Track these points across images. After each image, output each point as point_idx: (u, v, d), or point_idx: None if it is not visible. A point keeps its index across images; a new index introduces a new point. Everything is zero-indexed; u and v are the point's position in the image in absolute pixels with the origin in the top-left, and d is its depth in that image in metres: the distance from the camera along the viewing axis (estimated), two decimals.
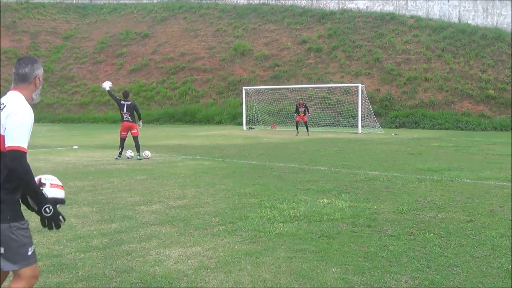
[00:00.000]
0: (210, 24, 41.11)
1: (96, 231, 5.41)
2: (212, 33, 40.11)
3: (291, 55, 34.98)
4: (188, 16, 43.13)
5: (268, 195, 7.32)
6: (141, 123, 13.24)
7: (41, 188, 2.83)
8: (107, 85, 13.19)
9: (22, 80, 2.95)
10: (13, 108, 2.71)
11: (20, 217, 2.76)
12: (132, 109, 12.83)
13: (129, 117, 12.79)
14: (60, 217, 2.88)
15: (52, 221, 2.84)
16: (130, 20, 45.92)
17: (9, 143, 2.60)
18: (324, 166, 10.63)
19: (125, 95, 13.05)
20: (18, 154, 2.59)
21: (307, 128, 21.94)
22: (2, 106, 2.72)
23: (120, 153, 12.75)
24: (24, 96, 2.87)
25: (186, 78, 37.21)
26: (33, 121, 2.81)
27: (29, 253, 2.83)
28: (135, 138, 12.74)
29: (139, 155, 12.57)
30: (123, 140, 12.86)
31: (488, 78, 28.11)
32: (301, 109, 21.93)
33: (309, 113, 22.51)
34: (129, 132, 12.84)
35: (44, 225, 2.84)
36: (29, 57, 3.01)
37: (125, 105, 12.73)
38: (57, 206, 2.89)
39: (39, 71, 2.97)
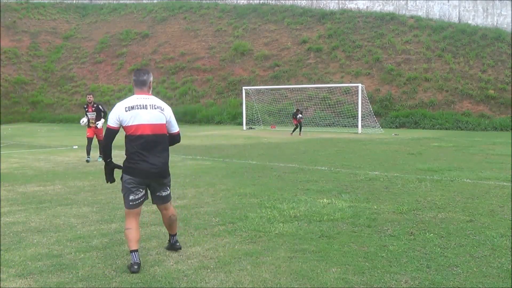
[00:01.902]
0: (210, 24, 41.11)
1: (96, 231, 5.41)
2: (212, 33, 40.11)
3: (291, 55, 34.98)
4: (188, 16, 43.13)
5: (268, 195, 7.32)
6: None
7: None
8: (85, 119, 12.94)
9: (144, 84, 4.32)
10: (168, 108, 4.37)
11: None
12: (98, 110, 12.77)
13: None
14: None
15: None
16: (130, 20, 45.92)
17: (176, 129, 4.45)
18: (324, 166, 10.63)
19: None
20: (180, 135, 4.56)
21: (300, 129, 21.99)
22: (161, 109, 4.27)
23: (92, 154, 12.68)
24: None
25: (186, 78, 37.21)
26: None
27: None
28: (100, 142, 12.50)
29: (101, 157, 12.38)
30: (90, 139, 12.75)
31: (488, 78, 28.11)
32: (300, 115, 22.08)
33: (301, 115, 22.33)
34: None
35: None
36: (144, 69, 4.47)
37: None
38: None
39: (152, 78, 4.40)
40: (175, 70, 38.32)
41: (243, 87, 29.24)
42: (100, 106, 12.76)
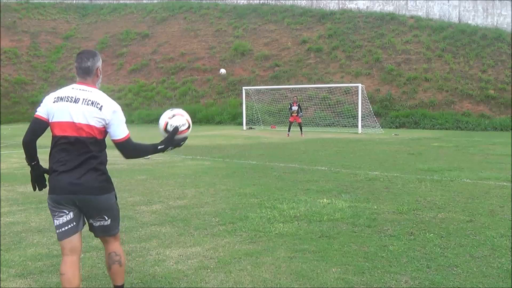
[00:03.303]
0: (210, 24, 41.10)
1: None
2: (212, 33, 40.10)
3: (291, 55, 34.97)
4: (188, 16, 43.12)
5: (268, 195, 7.32)
6: None
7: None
8: None
9: (87, 73, 3.22)
10: (112, 107, 3.19)
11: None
12: None
13: None
14: (182, 143, 3.54)
15: (176, 146, 3.51)
16: (130, 20, 45.90)
17: (120, 134, 3.24)
18: (324, 166, 10.63)
19: None
20: (128, 143, 3.29)
21: (301, 129, 21.57)
22: (99, 106, 3.13)
23: None
24: (101, 91, 3.27)
25: (186, 78, 37.20)
26: None
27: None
28: None
29: None
30: None
31: (488, 78, 28.11)
32: (294, 108, 21.37)
33: (301, 113, 21.86)
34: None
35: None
36: (89, 51, 3.30)
37: None
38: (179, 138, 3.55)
39: (99, 63, 3.28)
40: (175, 70, 38.31)
41: (243, 87, 29.23)
42: None
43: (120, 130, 3.22)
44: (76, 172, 3.11)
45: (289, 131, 21.81)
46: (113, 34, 44.66)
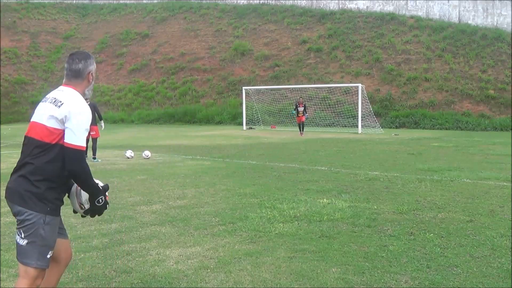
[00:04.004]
0: (210, 24, 41.10)
1: (96, 231, 5.40)
2: (212, 33, 40.10)
3: (291, 55, 34.97)
4: (188, 16, 43.12)
5: (268, 195, 7.32)
6: (103, 124, 13.17)
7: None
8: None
9: (75, 76, 2.91)
10: (74, 107, 2.73)
11: (56, 213, 2.80)
12: (92, 110, 12.69)
13: None
14: (107, 205, 2.98)
15: (99, 210, 2.92)
16: (130, 20, 45.91)
17: (71, 141, 2.67)
18: (324, 166, 10.63)
19: None
20: (78, 154, 2.67)
21: (302, 128, 21.98)
22: (59, 104, 2.74)
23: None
24: (79, 93, 2.86)
25: (186, 78, 37.21)
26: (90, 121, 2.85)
27: (48, 256, 2.76)
28: (94, 140, 12.53)
29: (95, 157, 12.35)
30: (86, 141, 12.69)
31: (488, 78, 28.11)
32: (300, 108, 21.95)
33: (307, 113, 22.53)
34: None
35: (87, 214, 2.94)
36: (82, 52, 2.98)
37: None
38: (106, 193, 2.96)
39: (92, 67, 2.96)
40: (175, 70, 38.31)
41: (243, 87, 29.23)
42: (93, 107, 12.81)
43: (75, 136, 2.67)
44: (13, 176, 2.82)
45: (300, 130, 22.15)
46: (113, 34, 44.66)
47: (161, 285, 3.85)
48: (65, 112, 2.70)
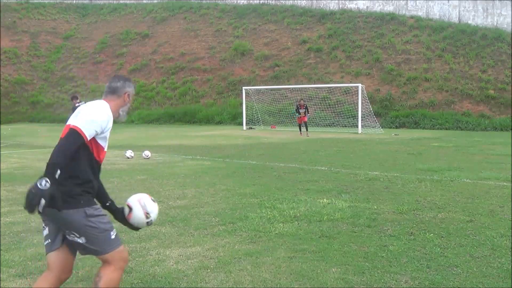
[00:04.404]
0: (210, 24, 41.10)
1: None
2: (212, 33, 40.10)
3: (291, 55, 34.97)
4: (188, 16, 43.12)
5: (268, 195, 7.32)
6: None
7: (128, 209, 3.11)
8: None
9: (111, 92, 3.06)
10: (90, 105, 2.90)
11: (92, 202, 2.89)
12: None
13: None
14: (39, 207, 2.54)
15: (32, 199, 2.53)
16: (130, 20, 45.90)
17: (73, 123, 2.76)
18: (324, 166, 10.63)
19: (76, 98, 13.48)
20: (70, 133, 2.70)
21: (306, 128, 21.95)
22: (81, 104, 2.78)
23: None
24: (110, 107, 2.97)
25: (186, 78, 37.21)
26: (108, 126, 2.89)
27: (112, 237, 2.87)
28: None
29: None
30: None
31: (488, 78, 28.10)
32: (302, 110, 21.98)
33: (308, 113, 22.59)
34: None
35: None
36: (123, 76, 3.23)
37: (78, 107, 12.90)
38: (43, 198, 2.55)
39: (130, 89, 3.12)
40: (175, 70, 38.31)
41: (243, 87, 29.22)
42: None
43: (77, 119, 2.77)
44: None
45: (300, 130, 22.20)
46: (113, 34, 44.66)
47: (161, 285, 3.85)
48: (80, 108, 2.86)
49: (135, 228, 3.19)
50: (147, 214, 3.12)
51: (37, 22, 47.46)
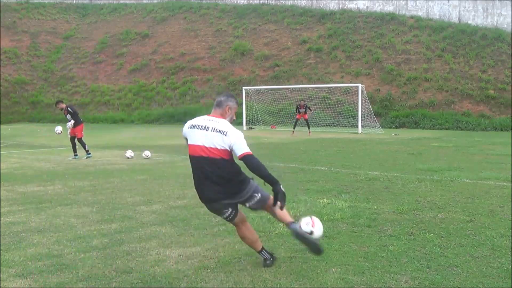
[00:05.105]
0: (210, 24, 41.11)
1: (96, 231, 5.41)
2: (212, 33, 40.11)
3: (291, 55, 34.98)
4: (188, 16, 43.12)
5: None
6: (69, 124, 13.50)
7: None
8: (58, 129, 13.63)
9: (218, 106, 4.12)
10: (233, 131, 3.97)
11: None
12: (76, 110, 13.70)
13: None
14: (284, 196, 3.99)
15: (282, 197, 3.95)
16: (130, 20, 45.91)
17: (243, 151, 3.92)
18: (324, 166, 10.63)
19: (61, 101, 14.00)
20: (250, 157, 3.95)
21: (308, 127, 21.96)
22: (223, 133, 3.93)
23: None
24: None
25: (186, 78, 37.21)
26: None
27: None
28: (79, 139, 13.29)
29: (77, 155, 13.18)
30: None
31: (488, 78, 28.11)
32: (302, 110, 22.00)
33: (310, 111, 22.62)
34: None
35: (275, 201, 3.98)
36: (229, 93, 4.26)
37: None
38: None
39: (232, 104, 4.14)
40: (175, 70, 38.31)
41: (243, 87, 29.22)
42: (69, 108, 13.40)
43: (242, 143, 3.96)
44: None
45: (294, 128, 22.20)
46: (113, 34, 44.66)
47: (161, 285, 3.85)
48: (231, 140, 4.00)
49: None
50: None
51: (37, 22, 47.46)
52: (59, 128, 13.68)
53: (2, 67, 40.61)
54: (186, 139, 4.14)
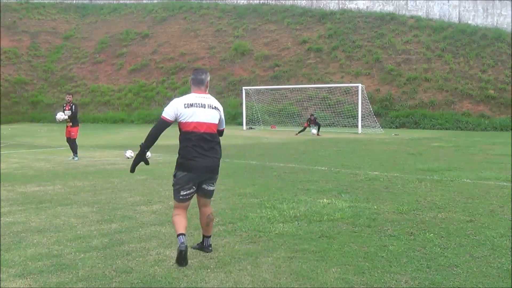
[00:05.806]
0: (210, 24, 41.11)
1: (96, 231, 5.40)
2: (212, 33, 40.11)
3: (291, 55, 34.98)
4: (188, 16, 43.13)
5: (268, 195, 7.32)
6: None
7: None
8: (61, 116, 13.67)
9: (201, 83, 4.45)
10: (221, 107, 4.53)
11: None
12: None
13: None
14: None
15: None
16: (130, 20, 45.91)
17: (224, 126, 4.59)
18: (324, 166, 10.63)
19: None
20: (223, 132, 4.63)
21: (318, 129, 21.90)
22: (217, 108, 4.43)
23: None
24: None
25: (186, 78, 37.17)
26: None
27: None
28: (73, 141, 13.43)
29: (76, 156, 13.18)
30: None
31: (488, 78, 28.11)
32: (312, 125, 22.13)
33: (319, 130, 22.07)
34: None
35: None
36: (203, 69, 4.68)
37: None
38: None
39: (209, 78, 4.52)
40: (175, 70, 38.31)
41: (243, 87, 29.23)
42: (73, 106, 13.46)
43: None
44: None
45: (300, 132, 22.07)
46: (113, 34, 44.66)
47: (161, 285, 3.85)
48: (221, 114, 4.57)
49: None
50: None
51: (37, 22, 47.46)
52: (61, 115, 13.65)
53: (2, 67, 40.60)
54: (177, 118, 4.33)
